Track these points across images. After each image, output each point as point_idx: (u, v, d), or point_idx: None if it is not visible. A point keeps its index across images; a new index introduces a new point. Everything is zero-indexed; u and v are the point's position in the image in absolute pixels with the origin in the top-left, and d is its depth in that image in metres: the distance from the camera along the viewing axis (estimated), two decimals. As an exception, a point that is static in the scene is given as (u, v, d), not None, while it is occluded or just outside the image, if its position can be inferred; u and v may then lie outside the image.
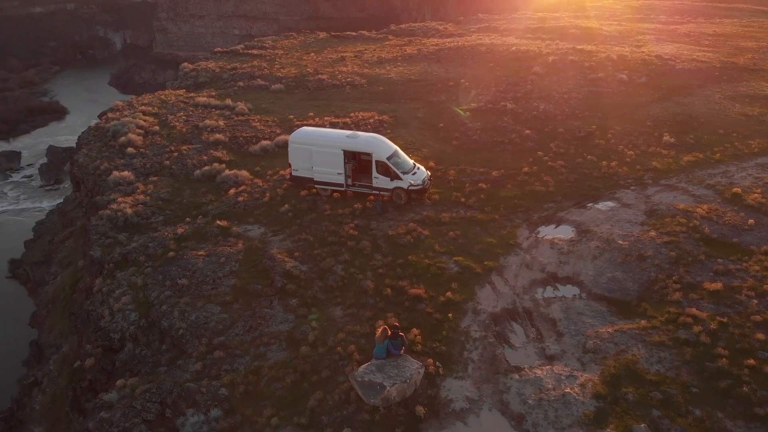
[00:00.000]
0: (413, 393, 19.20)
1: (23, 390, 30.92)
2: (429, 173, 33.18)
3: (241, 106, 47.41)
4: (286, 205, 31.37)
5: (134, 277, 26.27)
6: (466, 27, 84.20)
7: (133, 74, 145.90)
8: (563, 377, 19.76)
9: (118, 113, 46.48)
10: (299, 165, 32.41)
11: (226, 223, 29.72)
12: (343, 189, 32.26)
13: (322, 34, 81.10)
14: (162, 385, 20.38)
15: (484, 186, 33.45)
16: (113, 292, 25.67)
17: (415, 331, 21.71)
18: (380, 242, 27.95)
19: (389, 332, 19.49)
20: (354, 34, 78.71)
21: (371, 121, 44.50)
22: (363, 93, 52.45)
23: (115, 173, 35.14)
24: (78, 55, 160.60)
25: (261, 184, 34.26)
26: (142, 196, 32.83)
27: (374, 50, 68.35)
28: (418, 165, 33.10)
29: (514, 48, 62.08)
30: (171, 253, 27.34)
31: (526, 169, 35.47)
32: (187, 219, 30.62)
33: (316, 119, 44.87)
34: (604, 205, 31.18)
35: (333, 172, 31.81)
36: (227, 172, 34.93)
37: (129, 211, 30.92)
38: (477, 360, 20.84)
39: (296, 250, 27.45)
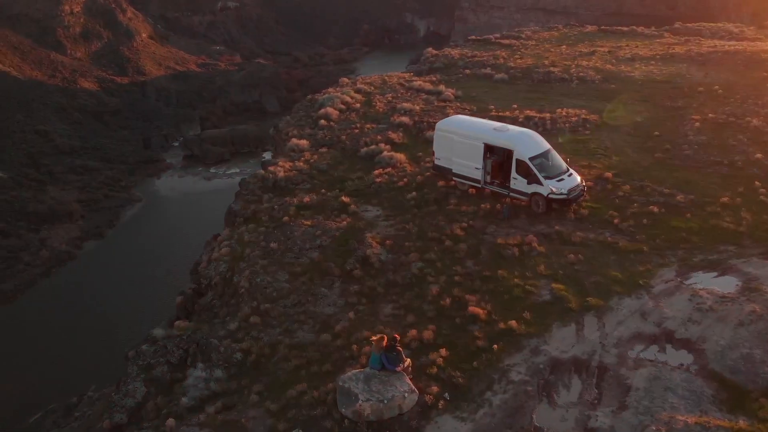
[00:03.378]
0: (397, 417, 16.74)
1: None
2: (584, 183, 28.35)
3: (447, 92, 46.48)
4: (414, 193, 29.86)
5: (247, 233, 27.78)
6: (772, 30, 69.65)
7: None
8: (582, 460, 15.19)
9: (338, 89, 49.45)
10: (441, 154, 30.49)
11: (348, 200, 29.52)
12: (479, 186, 29.44)
13: (590, 28, 74.91)
14: (194, 335, 21.30)
15: (656, 210, 27.30)
16: (224, 242, 27.56)
17: (443, 351, 18.84)
18: (481, 248, 24.86)
19: (385, 343, 17.19)
20: (625, 29, 70.93)
21: (574, 119, 39.79)
22: (588, 89, 47.10)
23: (294, 140, 37.50)
24: (386, 38, 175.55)
25: (409, 169, 33.20)
26: (302, 164, 34.46)
27: (635, 47, 60.73)
28: (572, 171, 28.49)
29: (812, 56, 49.27)
30: (285, 218, 28.22)
31: (725, 199, 27.92)
32: (323, 190, 31.19)
33: (516, 112, 41.72)
34: (808, 263, 22.92)
35: (471, 165, 29.19)
36: (386, 153, 34.63)
37: (281, 174, 32.71)
38: (496, 405, 17.22)
39: (392, 238, 25.99)
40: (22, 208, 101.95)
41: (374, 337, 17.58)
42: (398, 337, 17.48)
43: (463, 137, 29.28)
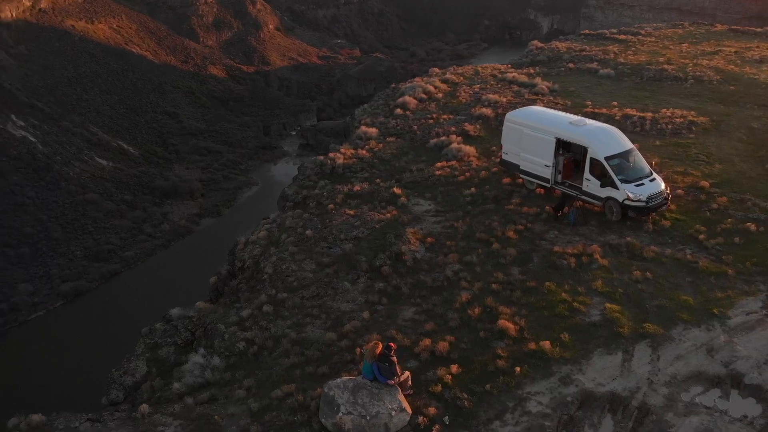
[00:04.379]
0: (382, 436, 14.64)
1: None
2: (669, 191, 24.47)
3: (542, 85, 42.95)
4: (473, 189, 27.27)
5: (290, 219, 26.58)
6: None
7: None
8: None
9: (425, 78, 47.38)
10: (509, 148, 27.62)
11: (400, 191, 27.49)
12: (548, 185, 26.31)
13: (719, 27, 67.35)
14: (204, 318, 20.30)
15: (753, 228, 22.94)
16: (265, 225, 26.57)
17: (454, 368, 16.42)
18: (533, 255, 21.94)
19: (378, 350, 15.07)
20: (758, 30, 62.97)
21: (678, 120, 35.16)
22: (703, 90, 41.69)
23: (363, 128, 36.01)
24: (506, 35, 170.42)
25: (475, 163, 30.55)
26: (365, 152, 32.84)
27: (766, 48, 53.51)
28: (656, 176, 24.67)
29: None
30: (330, 206, 26.77)
31: None
32: (378, 180, 29.38)
33: (614, 109, 37.62)
34: None
35: (540, 162, 26.10)
36: (455, 145, 32.19)
37: (340, 161, 31.30)
38: (501, 438, 14.63)
39: (435, 236, 23.68)
40: (149, 182, 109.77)
41: (368, 344, 15.56)
42: (394, 346, 15.29)
43: (533, 130, 26.27)
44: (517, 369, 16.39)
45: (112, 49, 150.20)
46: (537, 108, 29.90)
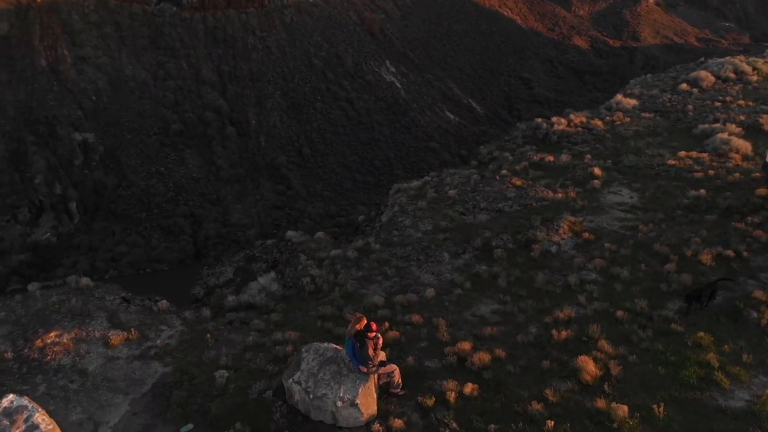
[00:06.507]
0: (330, 426, 11.76)
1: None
2: None
3: None
4: (703, 191, 20.05)
5: (454, 176, 23.64)
6: None
7: None
8: None
9: (749, 57, 37.06)
10: (776, 148, 19.44)
11: (600, 173, 21.77)
12: (810, 210, 17.82)
13: None
14: (295, 246, 19.27)
15: None
16: (427, 176, 24.19)
17: (470, 386, 12.22)
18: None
19: (359, 326, 11.85)
20: None
21: None
22: None
23: (619, 97, 29.84)
24: None
25: (736, 161, 22.52)
26: (599, 123, 27.17)
27: None
28: None
29: None
30: (504, 171, 22.91)
31: None
32: (588, 156, 23.92)
33: None
34: None
35: (809, 174, 17.73)
36: (724, 135, 24.28)
37: (558, 128, 26.57)
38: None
39: (601, 233, 18.11)
40: (485, 142, 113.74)
41: (353, 315, 12.46)
42: (375, 328, 11.80)
43: None
44: (550, 423, 11.37)
45: (486, 10, 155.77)
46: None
